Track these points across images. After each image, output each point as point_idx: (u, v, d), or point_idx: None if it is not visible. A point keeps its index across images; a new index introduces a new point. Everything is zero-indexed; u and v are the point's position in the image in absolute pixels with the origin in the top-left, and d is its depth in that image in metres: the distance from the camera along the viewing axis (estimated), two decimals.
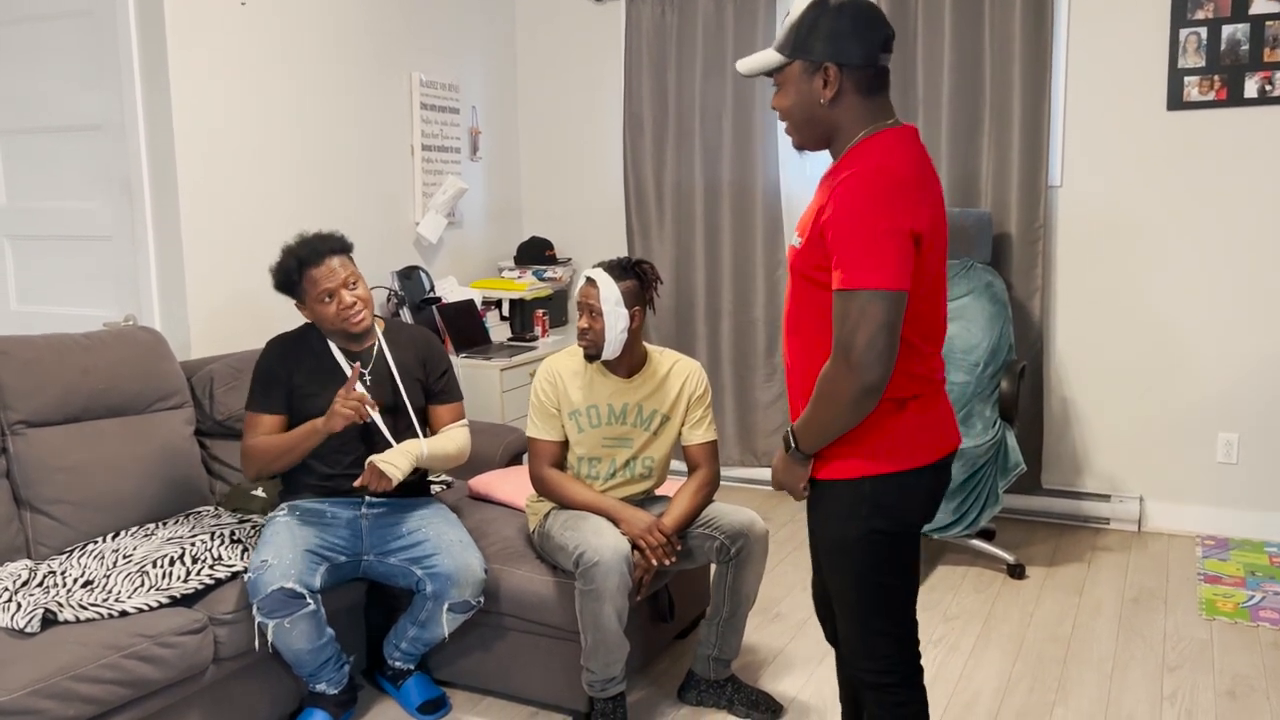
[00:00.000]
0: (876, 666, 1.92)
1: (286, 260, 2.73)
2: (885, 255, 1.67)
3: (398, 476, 2.62)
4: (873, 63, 1.77)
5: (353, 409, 2.57)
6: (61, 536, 2.72)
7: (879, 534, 1.84)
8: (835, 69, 1.76)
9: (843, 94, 1.78)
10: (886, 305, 1.67)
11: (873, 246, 1.67)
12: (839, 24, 1.75)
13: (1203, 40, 3.87)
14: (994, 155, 4.17)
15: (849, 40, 1.75)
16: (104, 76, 3.42)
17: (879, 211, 1.67)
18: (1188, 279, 4.02)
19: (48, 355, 2.81)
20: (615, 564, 2.50)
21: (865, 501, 1.82)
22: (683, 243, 4.79)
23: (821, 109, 1.80)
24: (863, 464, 1.82)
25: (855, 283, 1.68)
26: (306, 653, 2.55)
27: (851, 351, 1.69)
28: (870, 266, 1.67)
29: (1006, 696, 2.86)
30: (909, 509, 1.85)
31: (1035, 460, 4.26)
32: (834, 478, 1.86)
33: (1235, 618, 3.32)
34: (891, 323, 1.68)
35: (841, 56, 1.75)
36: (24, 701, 2.05)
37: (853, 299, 1.68)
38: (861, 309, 1.68)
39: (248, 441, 2.71)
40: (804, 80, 1.79)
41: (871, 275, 1.67)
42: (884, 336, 1.68)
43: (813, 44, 1.77)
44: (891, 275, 1.67)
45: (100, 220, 3.55)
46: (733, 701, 2.80)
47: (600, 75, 4.97)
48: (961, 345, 3.78)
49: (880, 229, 1.67)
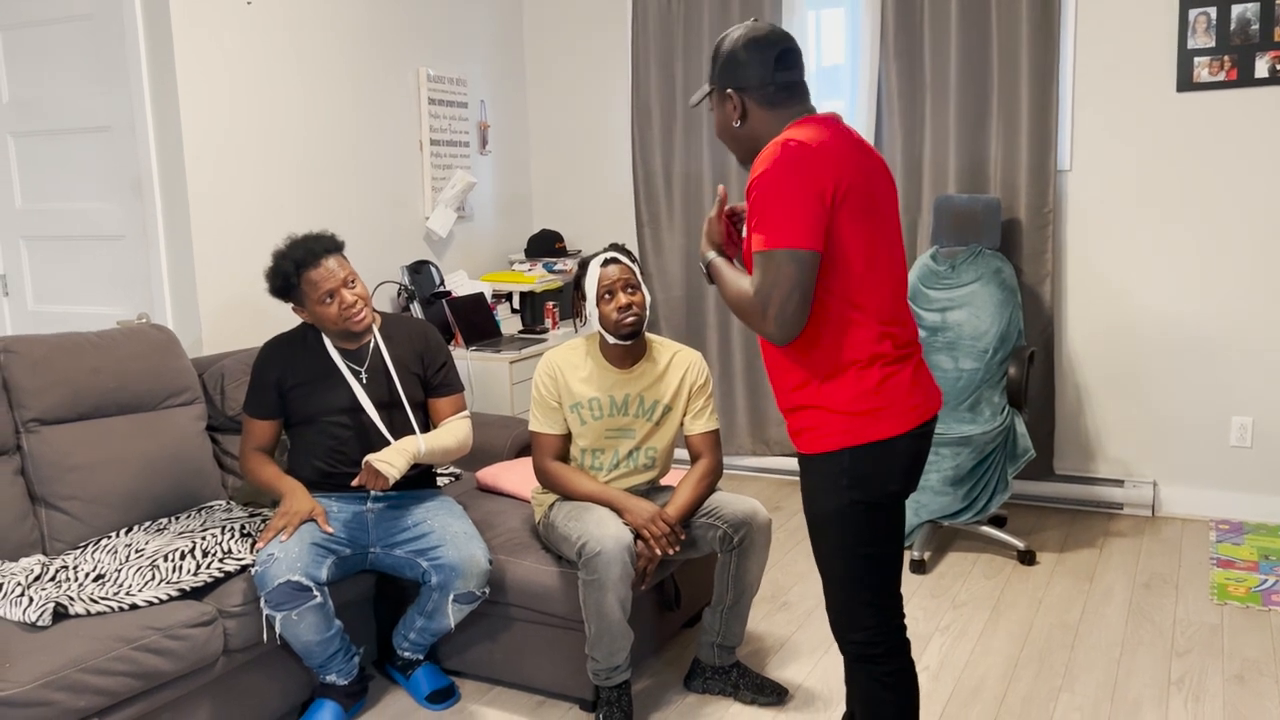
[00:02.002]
0: (862, 638, 1.98)
1: (282, 265, 2.73)
2: (794, 218, 1.81)
3: (394, 475, 2.65)
4: (770, 82, 1.95)
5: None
6: (75, 532, 2.77)
7: (858, 504, 1.91)
8: (736, 94, 1.98)
9: (749, 113, 1.98)
10: (798, 265, 1.82)
11: (785, 209, 1.82)
12: (735, 53, 1.97)
13: (1212, 20, 3.82)
14: (1002, 140, 4.14)
15: (745, 68, 1.96)
16: (113, 78, 3.47)
17: (785, 178, 1.82)
18: (1200, 262, 3.98)
19: (59, 354, 2.85)
20: (617, 554, 2.52)
21: (844, 473, 1.90)
22: (692, 232, 4.79)
23: (736, 129, 2.01)
24: (839, 436, 1.90)
25: (770, 243, 1.83)
26: (315, 644, 2.58)
27: (769, 308, 1.84)
28: (783, 227, 1.82)
29: (1013, 682, 2.87)
30: (888, 478, 1.91)
31: (1047, 446, 4.24)
32: (815, 451, 1.93)
33: (1247, 602, 3.30)
34: (804, 282, 1.83)
35: (740, 82, 1.97)
36: (36, 694, 2.10)
37: (770, 259, 1.83)
38: (778, 268, 1.82)
39: (244, 448, 2.84)
40: (720, 107, 2.02)
41: (784, 235, 1.82)
42: (797, 295, 1.83)
43: (719, 74, 2.00)
44: (802, 236, 1.81)
45: (112, 220, 3.60)
46: (738, 687, 2.82)
47: (608, 65, 4.98)
48: (970, 332, 3.77)
49: (788, 193, 1.82)
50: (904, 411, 1.91)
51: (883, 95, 4.34)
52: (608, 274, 2.70)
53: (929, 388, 1.98)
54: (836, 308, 1.88)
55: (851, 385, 1.89)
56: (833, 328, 1.89)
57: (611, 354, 2.77)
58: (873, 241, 1.89)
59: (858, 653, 1.98)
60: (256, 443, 2.84)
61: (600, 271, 2.71)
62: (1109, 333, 4.16)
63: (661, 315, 4.89)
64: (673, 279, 4.86)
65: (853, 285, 1.88)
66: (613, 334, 2.71)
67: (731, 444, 4.81)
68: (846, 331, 1.89)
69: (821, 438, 1.91)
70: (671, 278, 4.86)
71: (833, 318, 1.88)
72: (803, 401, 1.94)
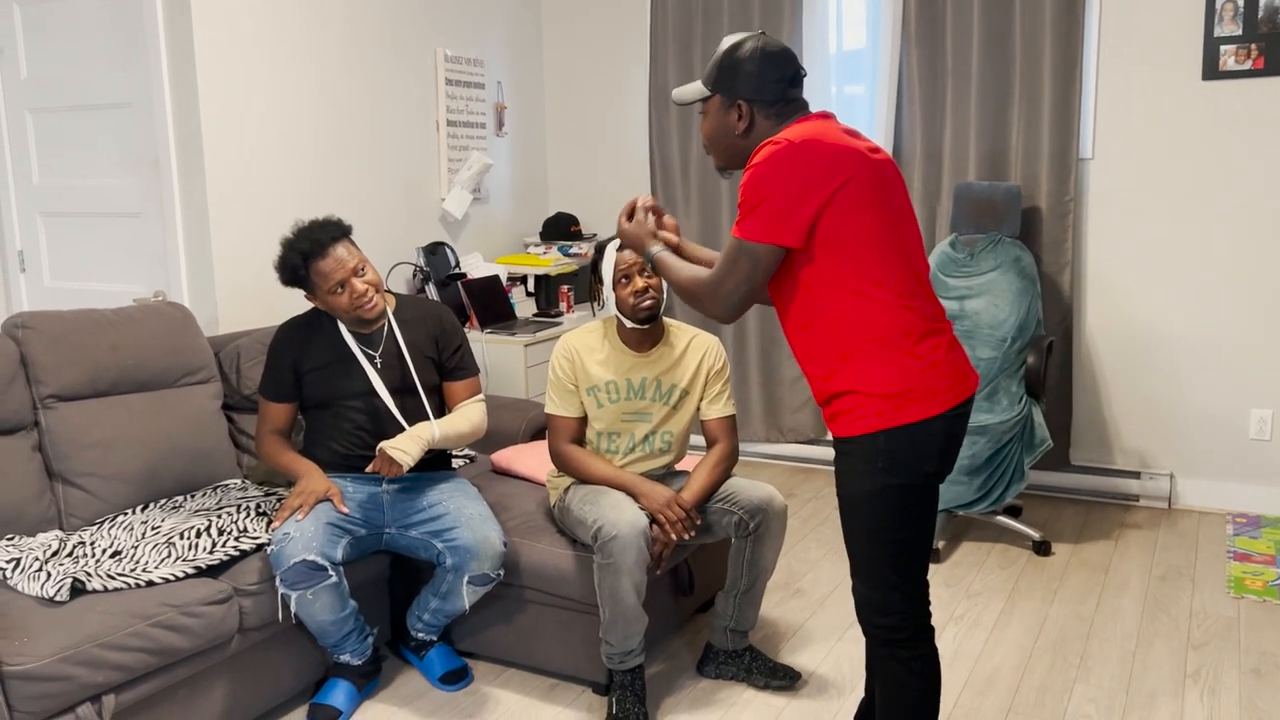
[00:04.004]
0: (889, 622, 1.97)
1: (290, 256, 2.70)
2: (767, 214, 1.86)
3: (408, 463, 2.64)
4: (781, 98, 1.99)
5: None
6: (92, 509, 2.78)
7: (893, 487, 1.91)
8: (747, 105, 1.99)
9: (755, 125, 2.01)
10: (754, 258, 1.89)
11: (760, 205, 1.87)
12: (750, 65, 1.97)
13: (1239, 8, 3.77)
14: (1024, 127, 4.11)
15: (759, 80, 1.97)
16: (132, 55, 3.46)
17: (768, 176, 1.86)
18: (1221, 252, 3.94)
19: (77, 331, 2.86)
20: (633, 538, 2.52)
21: (880, 455, 1.90)
22: (709, 217, 4.77)
23: (736, 138, 2.03)
24: (875, 419, 1.89)
25: (738, 232, 1.91)
26: (329, 624, 2.59)
27: (719, 289, 1.94)
28: (752, 221, 1.88)
29: (1026, 674, 2.85)
30: (924, 459, 1.91)
31: (1064, 437, 4.22)
32: (850, 434, 1.92)
33: (1264, 595, 3.28)
34: (753, 276, 1.90)
35: (753, 94, 1.98)
36: (54, 668, 2.10)
37: (735, 247, 1.91)
38: (737, 256, 1.90)
39: (260, 431, 2.83)
40: (722, 112, 2.03)
41: (751, 228, 1.88)
42: (745, 286, 1.91)
43: (729, 82, 2.00)
44: (767, 230, 1.87)
45: (130, 197, 3.60)
46: (751, 671, 2.82)
47: (626, 49, 4.95)
48: (989, 320, 3.74)
49: (767, 190, 1.86)
50: (939, 392, 1.90)
51: (903, 81, 4.30)
52: (624, 258, 2.69)
53: (964, 368, 1.96)
54: (855, 288, 1.88)
55: (884, 365, 1.88)
56: (853, 308, 1.88)
57: (629, 338, 2.76)
58: (889, 223, 1.90)
59: (884, 637, 1.97)
60: (273, 425, 2.83)
61: (617, 256, 2.70)
62: (1128, 323, 4.13)
63: (676, 301, 4.87)
64: None
65: (868, 265, 1.88)
66: (630, 318, 2.70)
67: (746, 430, 4.80)
68: (868, 309, 1.88)
69: (856, 420, 1.91)
70: None
71: (852, 299, 1.88)
72: (838, 388, 1.93)
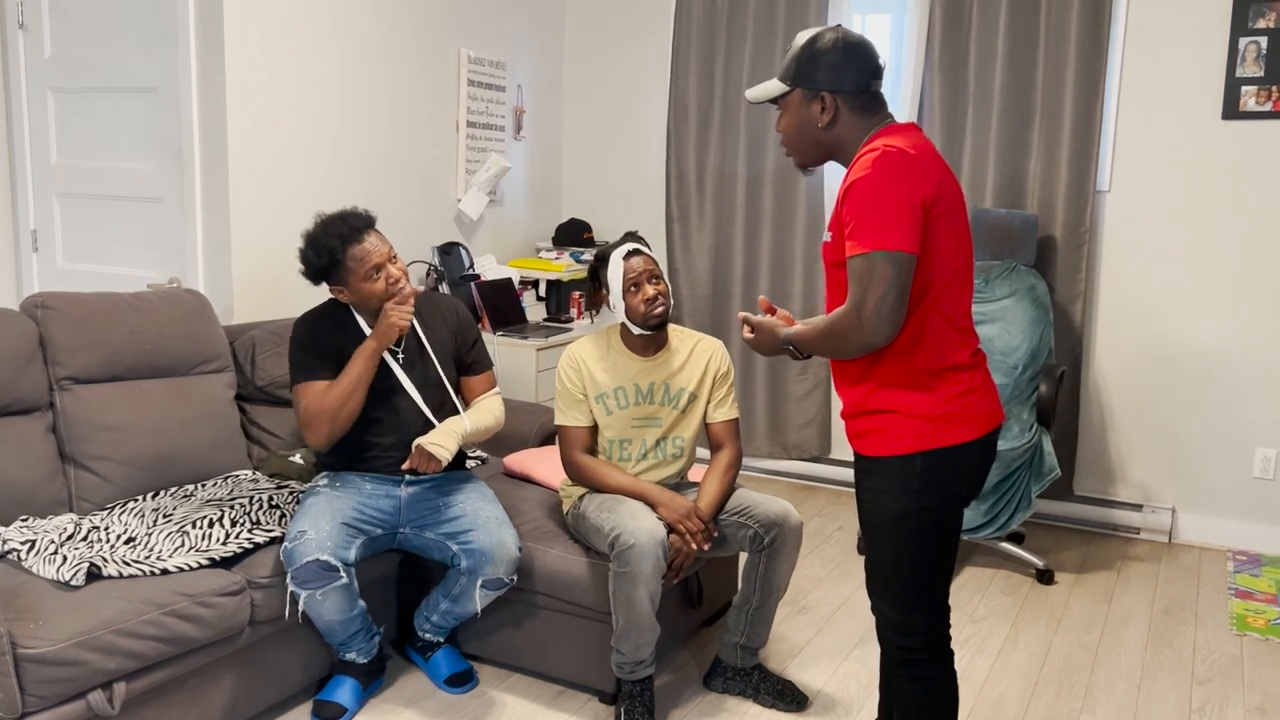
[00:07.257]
0: (912, 643, 1.97)
1: (326, 241, 2.60)
2: (893, 222, 1.80)
3: (446, 458, 2.62)
4: (865, 89, 1.96)
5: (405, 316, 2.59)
6: (103, 493, 2.75)
7: (926, 510, 1.91)
8: (831, 96, 1.96)
9: (838, 117, 1.97)
10: (896, 266, 1.80)
11: (883, 214, 1.81)
12: (833, 56, 1.95)
13: (1263, 50, 3.81)
14: (1042, 156, 4.13)
15: (843, 70, 1.95)
16: (162, 40, 3.44)
17: (887, 184, 1.81)
18: (1233, 291, 3.97)
19: (98, 314, 2.83)
20: (651, 548, 2.51)
21: (916, 477, 1.90)
22: (722, 230, 4.77)
23: (820, 131, 1.99)
24: (914, 440, 1.89)
25: (867, 246, 1.81)
26: (337, 623, 2.57)
27: (863, 308, 1.82)
28: (881, 231, 1.81)
29: (1033, 701, 2.86)
30: (957, 483, 1.92)
31: (1069, 466, 4.23)
32: (885, 454, 1.92)
33: (1267, 634, 3.29)
34: (900, 283, 1.81)
35: (836, 85, 1.95)
36: (68, 653, 2.08)
37: (865, 261, 1.82)
38: (872, 269, 1.81)
39: (305, 406, 2.61)
40: (803, 106, 2.00)
41: (882, 239, 1.80)
42: (893, 295, 1.80)
43: (810, 74, 1.97)
44: (900, 239, 1.80)
45: (150, 182, 3.58)
46: (758, 690, 2.81)
47: (647, 59, 4.96)
48: (1001, 347, 3.75)
49: (888, 198, 1.81)
50: (978, 417, 1.92)
51: (925, 105, 4.32)
52: (632, 266, 2.69)
53: (996, 396, 1.99)
54: (924, 314, 1.88)
55: (934, 391, 1.89)
56: (921, 334, 1.89)
57: (634, 343, 2.76)
58: (957, 250, 1.90)
59: (905, 657, 1.97)
60: (312, 396, 2.64)
61: (625, 264, 2.70)
62: (1138, 356, 4.15)
63: (686, 312, 4.87)
64: (699, 276, 4.84)
65: (939, 292, 1.89)
66: (640, 325, 2.70)
67: (749, 446, 4.80)
68: (933, 338, 1.89)
69: (893, 440, 1.91)
70: (698, 275, 4.84)
71: (920, 324, 1.88)
72: (877, 405, 1.92)
